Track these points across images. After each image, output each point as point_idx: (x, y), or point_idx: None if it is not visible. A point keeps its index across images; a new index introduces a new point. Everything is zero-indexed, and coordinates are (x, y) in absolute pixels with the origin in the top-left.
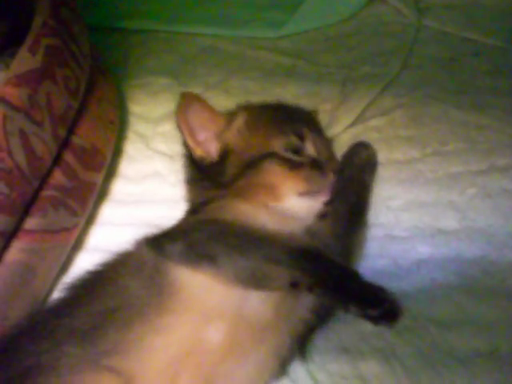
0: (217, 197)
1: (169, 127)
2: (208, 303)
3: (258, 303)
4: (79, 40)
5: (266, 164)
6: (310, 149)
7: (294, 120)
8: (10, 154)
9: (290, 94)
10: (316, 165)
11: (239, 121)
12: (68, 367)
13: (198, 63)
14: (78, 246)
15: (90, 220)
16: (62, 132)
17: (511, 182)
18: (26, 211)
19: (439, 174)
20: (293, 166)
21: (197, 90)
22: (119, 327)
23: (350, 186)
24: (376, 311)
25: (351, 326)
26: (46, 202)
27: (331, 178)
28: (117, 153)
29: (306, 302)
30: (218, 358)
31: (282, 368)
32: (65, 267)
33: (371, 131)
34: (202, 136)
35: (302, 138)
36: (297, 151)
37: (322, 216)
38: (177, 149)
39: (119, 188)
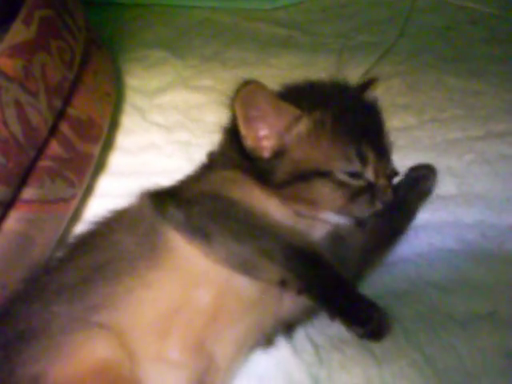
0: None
1: (166, 99)
2: (197, 268)
3: (245, 281)
4: (73, 12)
5: (319, 183)
6: (369, 174)
7: (361, 137)
8: (5, 124)
9: (286, 64)
10: (369, 192)
11: (301, 128)
12: (58, 328)
13: (194, 36)
14: (76, 217)
15: (88, 192)
16: (58, 103)
17: (509, 148)
18: (23, 181)
19: (437, 141)
20: (346, 190)
21: (193, 61)
22: (108, 280)
23: (401, 209)
24: (361, 329)
25: None
26: (43, 173)
27: (378, 208)
28: (114, 125)
29: (294, 300)
30: (207, 319)
31: (269, 341)
32: (64, 239)
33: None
34: (258, 129)
35: (364, 162)
36: (355, 175)
37: (359, 223)
38: (173, 120)
39: (116, 160)
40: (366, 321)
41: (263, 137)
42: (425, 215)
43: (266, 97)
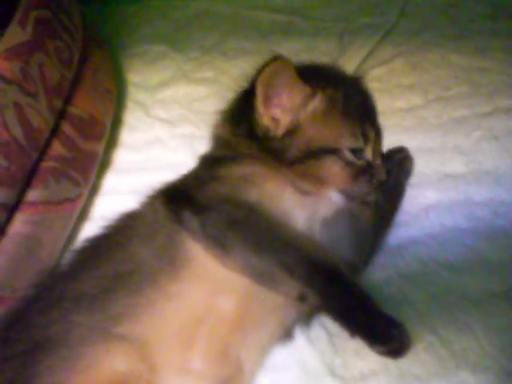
0: (254, 158)
1: (168, 94)
2: (218, 275)
3: None
4: (69, 11)
5: (329, 160)
6: (368, 153)
7: (366, 117)
8: (5, 127)
9: (288, 51)
10: (368, 171)
11: (316, 104)
12: (78, 339)
13: (193, 28)
14: (83, 216)
15: (94, 190)
16: (58, 103)
17: None
18: (27, 183)
19: (443, 119)
20: (352, 169)
21: (193, 54)
22: (129, 291)
23: (395, 188)
24: (383, 348)
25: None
26: (47, 174)
27: (374, 186)
28: (117, 122)
29: None
30: (231, 326)
31: (289, 335)
32: (71, 238)
33: (372, 81)
34: (277, 108)
35: (366, 141)
36: (357, 153)
37: (364, 202)
38: (176, 114)
39: (122, 157)
40: (388, 339)
41: (279, 114)
42: (435, 195)
43: (288, 75)
